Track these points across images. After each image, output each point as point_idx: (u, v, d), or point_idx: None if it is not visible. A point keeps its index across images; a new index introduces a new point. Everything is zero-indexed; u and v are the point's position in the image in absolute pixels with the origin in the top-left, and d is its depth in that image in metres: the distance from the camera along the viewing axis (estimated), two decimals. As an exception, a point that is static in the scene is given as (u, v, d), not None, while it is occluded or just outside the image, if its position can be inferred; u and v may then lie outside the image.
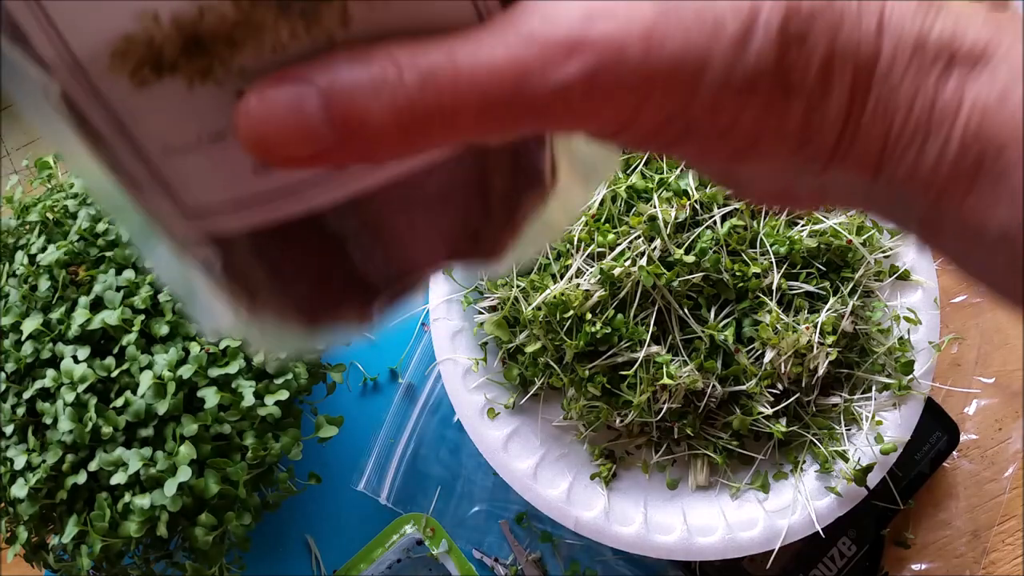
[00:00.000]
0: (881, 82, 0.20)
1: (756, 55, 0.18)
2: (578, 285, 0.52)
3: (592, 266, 0.53)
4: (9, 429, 0.49)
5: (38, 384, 0.48)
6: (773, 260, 0.53)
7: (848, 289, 0.54)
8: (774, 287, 0.53)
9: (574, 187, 0.27)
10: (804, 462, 0.55)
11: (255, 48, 0.19)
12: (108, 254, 0.51)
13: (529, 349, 0.55)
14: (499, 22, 0.18)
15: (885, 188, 0.21)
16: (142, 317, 0.49)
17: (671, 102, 0.19)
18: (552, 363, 0.55)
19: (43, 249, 0.51)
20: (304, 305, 0.25)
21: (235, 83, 0.19)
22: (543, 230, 0.26)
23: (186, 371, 0.47)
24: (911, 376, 0.54)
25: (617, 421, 0.56)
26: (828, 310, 0.53)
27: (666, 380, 0.51)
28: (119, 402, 0.47)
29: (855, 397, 0.55)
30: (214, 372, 0.48)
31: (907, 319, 0.56)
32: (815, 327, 0.52)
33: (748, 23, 0.18)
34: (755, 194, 0.24)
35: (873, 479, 0.53)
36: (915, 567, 0.60)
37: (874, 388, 0.55)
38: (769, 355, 0.52)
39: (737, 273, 0.53)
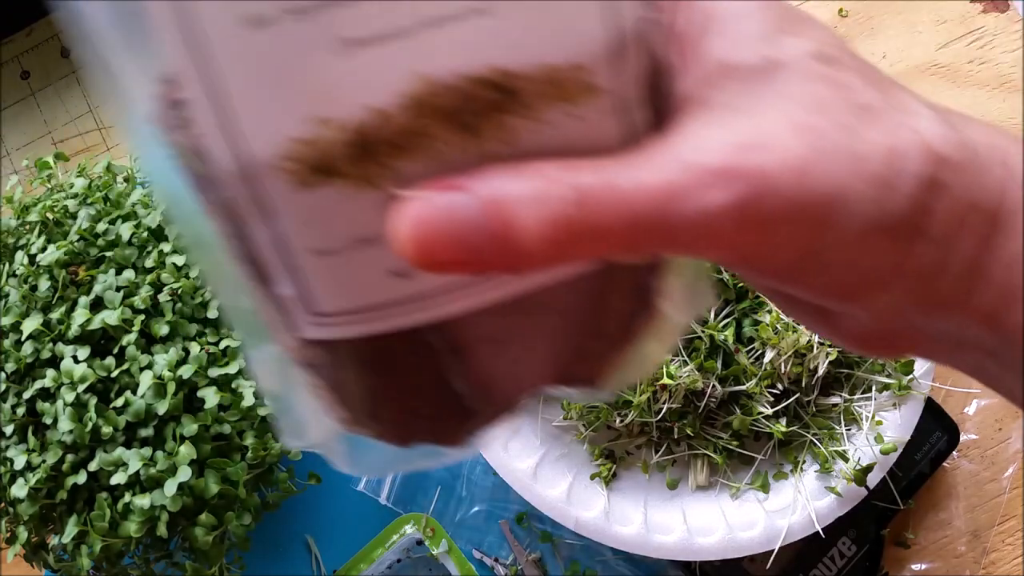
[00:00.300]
0: (1010, 231, 0.20)
1: (898, 199, 0.19)
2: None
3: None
4: (9, 429, 0.49)
5: (38, 384, 0.48)
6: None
7: (848, 289, 0.54)
8: (774, 287, 0.53)
9: (677, 315, 0.27)
10: (804, 462, 0.55)
11: (416, 155, 0.20)
12: (108, 254, 0.51)
13: (529, 349, 0.55)
14: (651, 148, 0.19)
15: (1002, 342, 0.21)
16: (142, 317, 0.49)
17: (811, 238, 0.19)
18: (552, 363, 0.54)
19: (43, 249, 0.51)
20: (399, 420, 0.25)
21: (389, 187, 0.20)
22: (642, 358, 0.27)
23: (186, 371, 0.47)
24: (911, 376, 0.54)
25: (617, 421, 0.56)
26: (828, 310, 0.53)
27: (666, 380, 0.51)
28: (119, 402, 0.47)
29: (855, 397, 0.55)
30: (214, 372, 0.48)
31: (907, 319, 0.56)
32: (815, 327, 0.52)
33: (894, 167, 0.19)
34: (851, 336, 0.24)
35: (873, 479, 0.53)
36: (915, 567, 0.60)
37: (874, 388, 0.55)
38: (769, 355, 0.52)
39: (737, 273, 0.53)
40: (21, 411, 0.49)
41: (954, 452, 0.59)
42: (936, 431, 0.58)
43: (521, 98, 0.20)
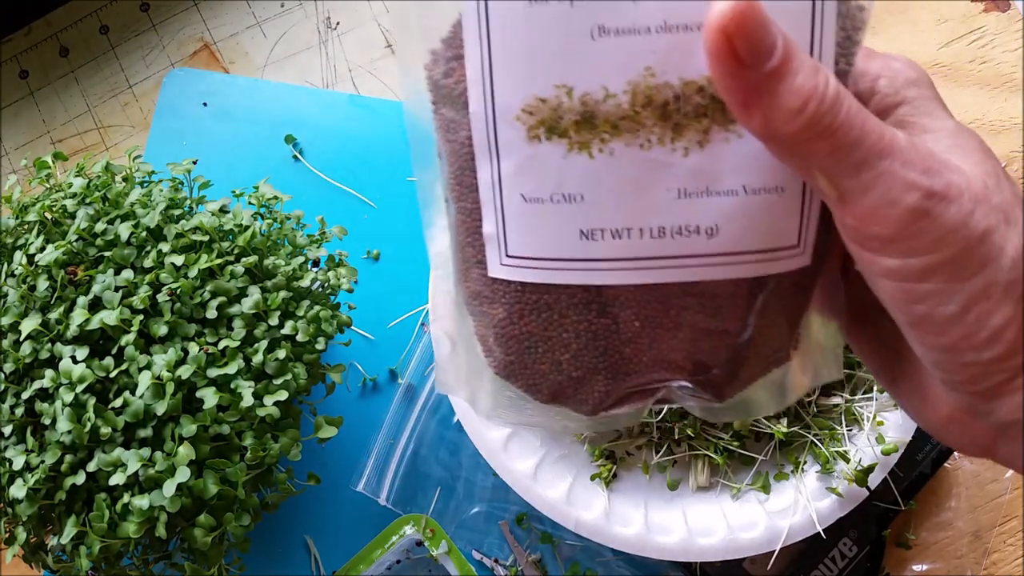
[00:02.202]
0: None
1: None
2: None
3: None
4: (8, 429, 0.49)
5: (37, 384, 0.48)
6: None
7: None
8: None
9: (799, 374, 0.30)
10: (805, 463, 0.55)
11: (628, 137, 0.24)
12: (106, 254, 0.51)
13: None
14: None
15: None
16: (141, 317, 0.48)
17: (955, 265, 0.23)
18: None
19: (41, 249, 0.51)
20: (546, 372, 0.28)
21: (599, 154, 0.24)
22: (754, 400, 0.30)
23: (185, 371, 0.47)
24: (912, 376, 0.54)
25: (617, 422, 0.55)
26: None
27: (666, 380, 0.51)
28: (118, 402, 0.47)
29: (856, 397, 0.55)
30: (213, 372, 0.48)
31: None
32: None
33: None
34: (937, 419, 0.28)
35: (874, 480, 0.53)
36: (916, 568, 0.60)
37: (875, 388, 0.55)
38: (770, 355, 0.52)
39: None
40: (20, 411, 0.49)
41: (955, 453, 0.59)
42: (937, 432, 0.58)
43: (724, 109, 0.24)
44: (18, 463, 0.47)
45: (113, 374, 0.47)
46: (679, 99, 0.23)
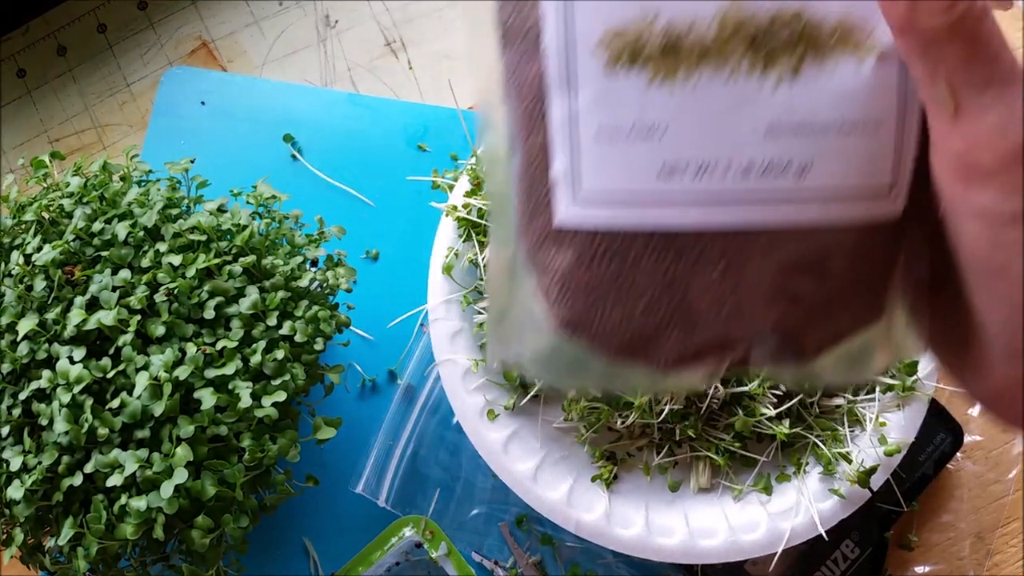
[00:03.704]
0: None
1: None
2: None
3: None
4: (5, 430, 0.49)
5: (34, 385, 0.48)
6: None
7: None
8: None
9: (883, 344, 0.28)
10: (807, 464, 0.55)
11: (714, 67, 0.23)
12: (104, 254, 0.50)
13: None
14: None
15: None
16: (138, 317, 0.48)
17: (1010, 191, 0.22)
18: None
19: (39, 249, 0.51)
20: (616, 324, 0.26)
21: (684, 84, 0.23)
22: (850, 358, 0.28)
23: (182, 372, 0.47)
24: (915, 377, 0.54)
25: (618, 423, 0.55)
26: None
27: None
28: (115, 403, 0.46)
29: (858, 398, 0.55)
30: (211, 373, 0.48)
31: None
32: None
33: None
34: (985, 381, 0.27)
35: (877, 481, 0.53)
36: (919, 569, 0.60)
37: (878, 389, 0.55)
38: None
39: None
40: (17, 412, 0.48)
41: (958, 454, 0.59)
42: (940, 432, 0.58)
43: (819, 40, 0.23)
44: (15, 464, 0.47)
45: (110, 375, 0.47)
46: (771, 28, 0.23)
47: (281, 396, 0.48)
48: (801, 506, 0.53)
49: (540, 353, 0.28)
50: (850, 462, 0.53)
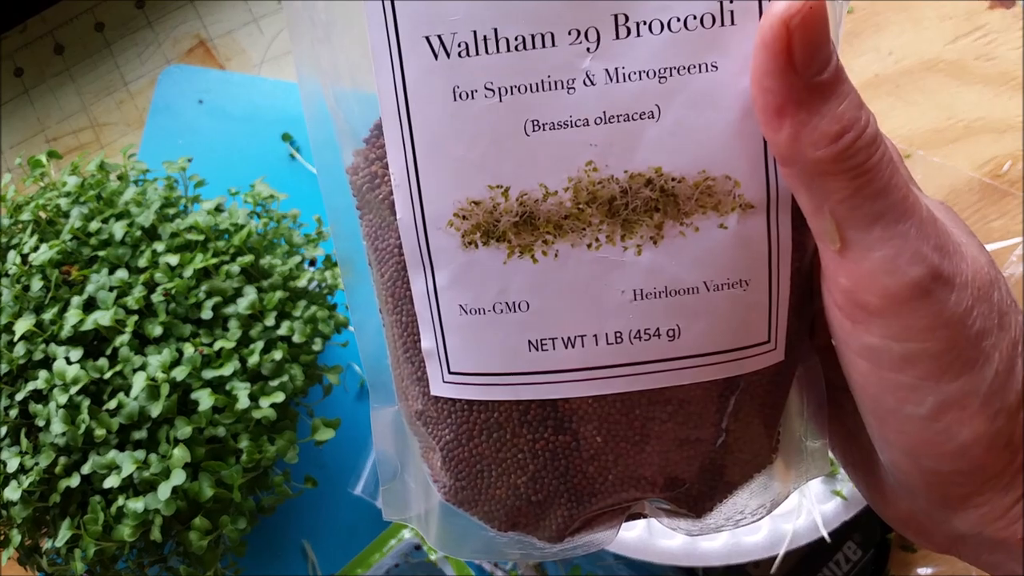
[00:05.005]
0: None
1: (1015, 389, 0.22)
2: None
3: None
4: (2, 431, 0.48)
5: (31, 386, 0.47)
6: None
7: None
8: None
9: (779, 482, 0.28)
10: (809, 465, 0.55)
11: (573, 238, 0.22)
12: (101, 254, 0.50)
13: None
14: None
15: None
16: (135, 318, 0.48)
17: (938, 361, 0.21)
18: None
19: (35, 248, 0.51)
20: (502, 498, 0.26)
21: (543, 258, 0.23)
22: (735, 510, 0.27)
23: (180, 373, 0.46)
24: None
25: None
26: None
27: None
28: (112, 404, 0.46)
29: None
30: (208, 374, 0.47)
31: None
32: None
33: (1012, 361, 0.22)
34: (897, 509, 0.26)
35: (879, 482, 0.52)
36: (921, 571, 0.59)
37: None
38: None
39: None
40: (14, 413, 0.48)
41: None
42: (942, 433, 0.57)
43: (678, 202, 0.22)
44: (12, 465, 0.47)
45: (107, 375, 0.47)
46: (626, 193, 0.22)
47: (279, 397, 0.48)
48: (803, 508, 0.53)
49: (430, 518, 0.28)
50: (852, 463, 0.53)
